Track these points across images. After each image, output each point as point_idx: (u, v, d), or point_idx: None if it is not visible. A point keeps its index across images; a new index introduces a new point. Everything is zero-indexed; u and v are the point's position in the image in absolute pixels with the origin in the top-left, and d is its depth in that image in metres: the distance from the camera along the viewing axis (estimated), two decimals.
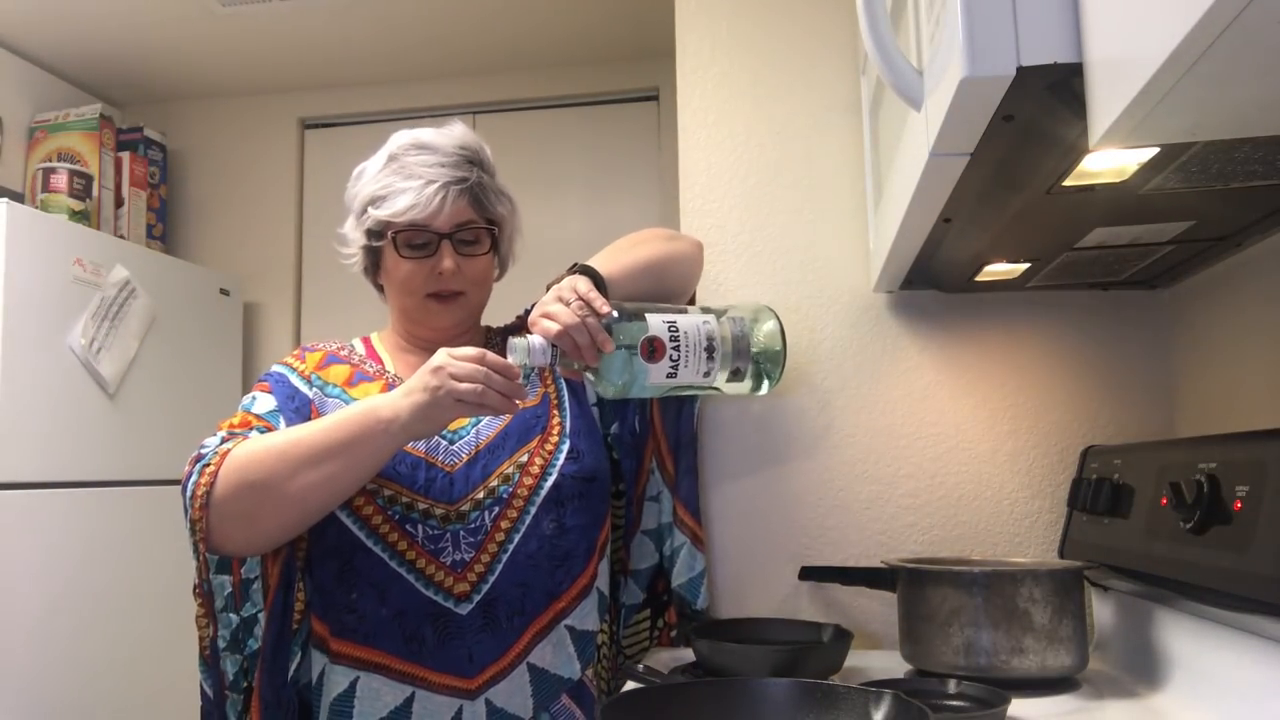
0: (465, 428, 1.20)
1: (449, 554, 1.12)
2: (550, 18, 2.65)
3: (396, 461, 1.14)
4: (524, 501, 1.15)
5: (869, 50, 0.87)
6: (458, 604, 1.11)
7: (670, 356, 1.09)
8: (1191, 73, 0.51)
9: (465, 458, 1.17)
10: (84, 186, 2.61)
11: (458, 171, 1.20)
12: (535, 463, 1.18)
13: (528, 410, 1.23)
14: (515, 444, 1.19)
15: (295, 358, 1.28)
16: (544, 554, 1.15)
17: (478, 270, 1.24)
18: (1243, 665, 0.89)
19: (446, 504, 1.13)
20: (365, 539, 1.11)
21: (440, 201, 1.17)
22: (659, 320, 1.10)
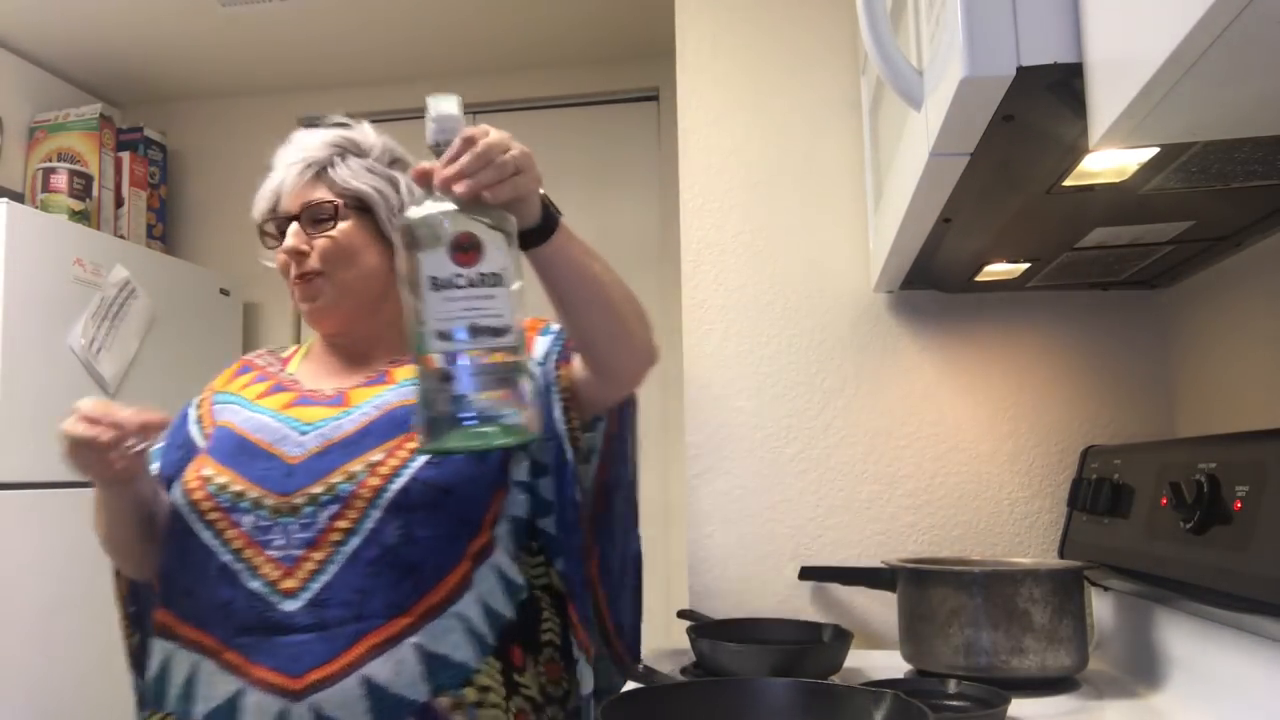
0: (325, 420, 1.12)
1: (277, 547, 1.06)
2: (550, 18, 2.65)
3: (236, 449, 1.11)
4: (365, 504, 1.06)
5: (869, 50, 0.87)
6: (284, 600, 1.04)
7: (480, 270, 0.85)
8: (1191, 73, 0.51)
9: (314, 449, 1.09)
10: (84, 186, 2.61)
11: (312, 154, 1.18)
12: (388, 463, 1.07)
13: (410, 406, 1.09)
14: (374, 441, 1.09)
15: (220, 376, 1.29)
16: (386, 563, 1.05)
17: (331, 246, 1.16)
18: (1243, 665, 0.89)
19: (279, 495, 1.06)
20: (195, 524, 1.08)
21: (280, 183, 1.18)
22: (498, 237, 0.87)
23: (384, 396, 1.14)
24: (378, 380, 1.18)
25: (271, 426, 1.13)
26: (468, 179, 0.88)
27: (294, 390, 1.19)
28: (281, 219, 1.18)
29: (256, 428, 1.13)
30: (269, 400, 1.18)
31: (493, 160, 0.90)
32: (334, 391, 1.17)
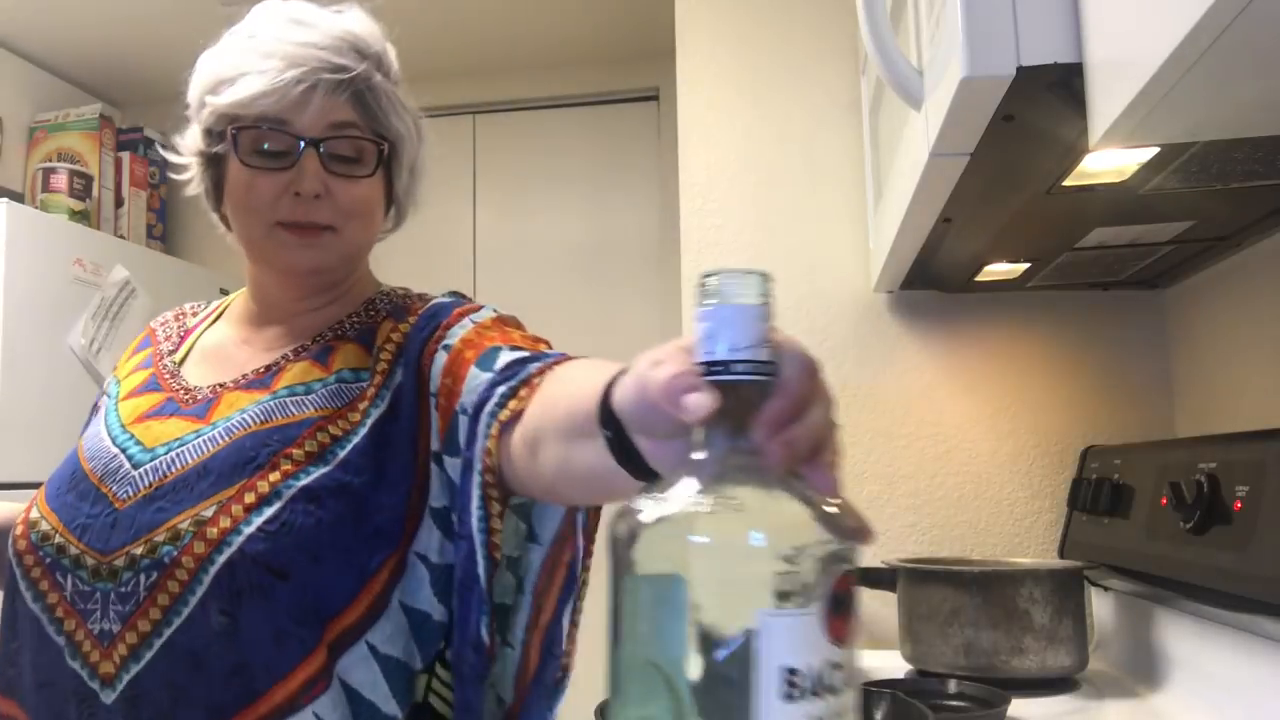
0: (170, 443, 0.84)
1: (96, 620, 0.81)
2: (550, 18, 2.65)
3: (71, 486, 0.85)
4: (189, 576, 0.78)
5: (869, 50, 0.87)
6: (102, 688, 0.80)
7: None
8: (1191, 73, 0.51)
9: (143, 491, 0.82)
10: (84, 186, 2.61)
11: (337, 59, 0.86)
12: (218, 523, 0.78)
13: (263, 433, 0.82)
14: (209, 486, 0.80)
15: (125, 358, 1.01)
16: (212, 655, 0.78)
17: (354, 198, 0.87)
18: (1243, 665, 0.89)
19: (99, 553, 0.80)
20: (20, 582, 0.84)
21: (305, 92, 0.83)
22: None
23: (246, 414, 0.85)
24: (258, 382, 0.88)
25: (105, 453, 0.86)
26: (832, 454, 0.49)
27: (164, 389, 0.91)
28: (282, 133, 0.85)
29: (93, 452, 0.87)
30: (127, 405, 0.91)
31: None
32: (210, 391, 0.89)
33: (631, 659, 0.49)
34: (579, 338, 2.81)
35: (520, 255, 2.90)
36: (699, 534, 0.48)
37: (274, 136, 0.85)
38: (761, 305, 0.51)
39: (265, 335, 0.93)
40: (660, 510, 0.49)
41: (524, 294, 2.89)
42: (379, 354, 0.88)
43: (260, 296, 0.94)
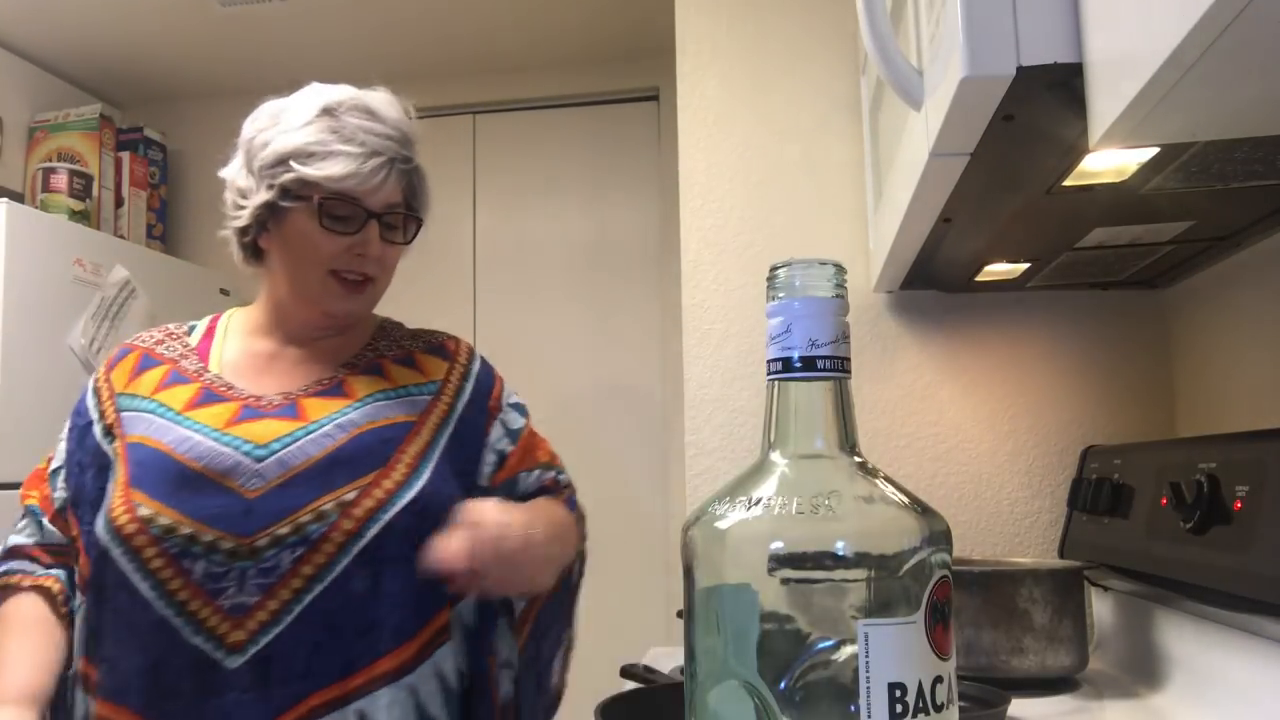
0: (281, 439, 0.98)
1: (230, 595, 0.93)
2: (550, 18, 2.65)
3: (177, 481, 0.95)
4: (336, 548, 0.94)
5: (869, 50, 0.87)
6: (228, 655, 0.92)
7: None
8: (1191, 73, 0.51)
9: (274, 481, 0.95)
10: (84, 186, 2.61)
11: (401, 149, 1.06)
12: (362, 504, 0.95)
13: (378, 430, 1.01)
14: (345, 473, 0.97)
15: (105, 372, 1.11)
16: (346, 615, 0.94)
17: (391, 258, 1.08)
18: (1243, 665, 0.89)
19: (238, 536, 0.93)
20: (133, 576, 0.93)
21: (383, 178, 1.03)
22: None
23: (348, 415, 1.01)
24: (332, 391, 1.04)
25: (217, 453, 0.97)
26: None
27: (231, 399, 1.03)
28: (355, 207, 1.03)
29: (198, 453, 0.97)
30: (202, 413, 1.01)
31: None
32: (282, 398, 1.03)
33: (712, 674, 0.45)
34: (579, 338, 2.81)
35: (520, 255, 2.90)
36: (786, 541, 0.44)
37: (349, 208, 1.03)
38: (837, 298, 0.49)
39: (291, 353, 1.09)
40: (740, 515, 0.46)
41: (524, 294, 2.89)
42: (443, 388, 1.10)
43: (282, 323, 1.10)
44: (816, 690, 0.43)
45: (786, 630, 0.44)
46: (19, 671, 0.95)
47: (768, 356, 0.50)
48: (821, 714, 0.43)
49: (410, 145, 1.09)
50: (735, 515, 0.46)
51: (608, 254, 2.89)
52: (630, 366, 2.76)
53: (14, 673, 0.95)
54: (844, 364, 0.49)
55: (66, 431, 1.11)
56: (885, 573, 0.44)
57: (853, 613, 0.43)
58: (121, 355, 1.11)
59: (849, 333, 0.50)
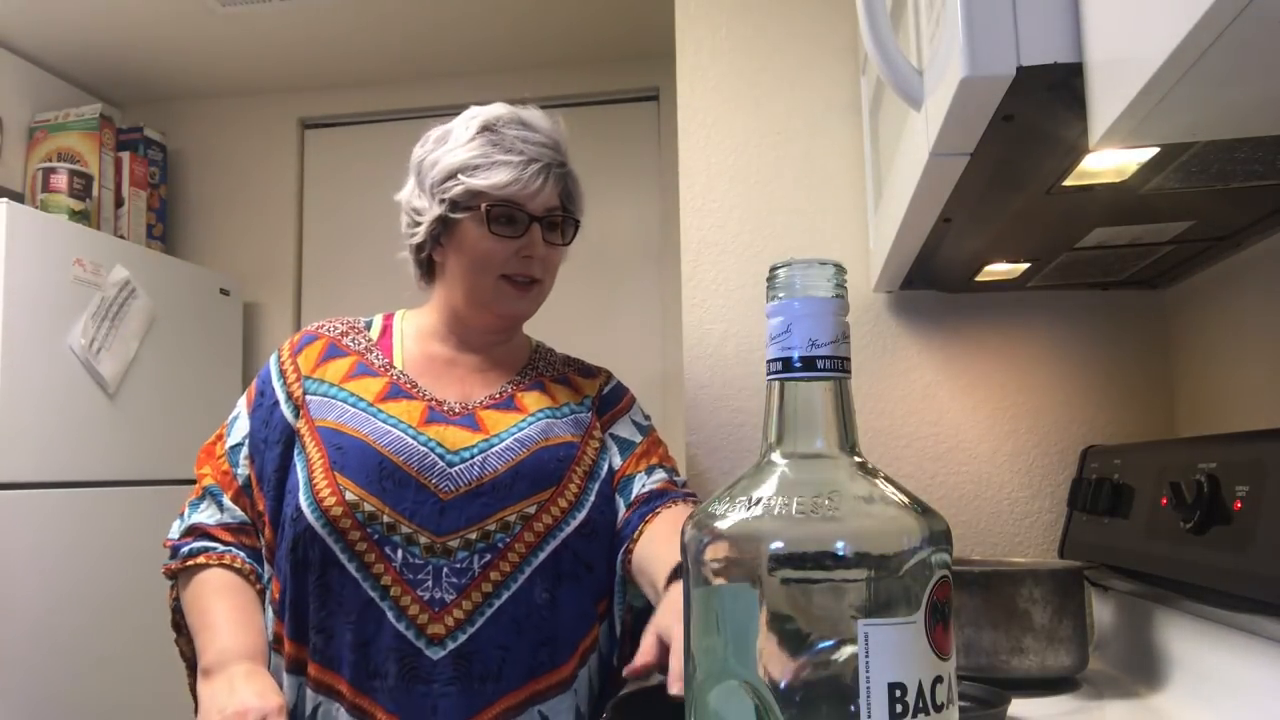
0: (473, 448, 1.08)
1: (427, 588, 1.01)
2: (550, 18, 2.65)
3: (384, 475, 1.04)
4: (519, 559, 1.04)
5: (869, 50, 0.87)
6: (429, 645, 1.00)
7: None
8: (1191, 73, 0.51)
9: (465, 488, 1.05)
10: (84, 186, 2.61)
11: (556, 155, 1.16)
12: (542, 520, 1.05)
13: (551, 448, 1.11)
14: (525, 488, 1.06)
15: (289, 355, 1.17)
16: (531, 625, 1.03)
17: (555, 261, 1.18)
18: (1243, 665, 0.89)
19: (433, 534, 1.02)
20: (341, 555, 1.01)
21: (541, 183, 1.12)
22: None
23: (525, 431, 1.11)
24: (506, 405, 1.14)
25: (416, 451, 1.06)
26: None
27: (417, 397, 1.12)
28: (518, 211, 1.12)
29: (399, 449, 1.06)
30: (395, 407, 1.10)
31: None
32: (461, 408, 1.12)
33: (712, 674, 0.45)
34: (579, 337, 2.80)
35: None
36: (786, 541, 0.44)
37: (514, 213, 1.12)
38: (837, 298, 0.49)
39: (466, 361, 1.18)
40: (740, 515, 0.46)
41: None
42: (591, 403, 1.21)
43: (456, 329, 1.19)
44: (816, 690, 0.43)
45: (786, 630, 0.44)
46: (238, 633, 1.03)
47: (768, 356, 0.50)
48: (821, 714, 0.43)
49: (563, 152, 1.18)
50: (735, 515, 0.46)
51: (608, 254, 2.89)
52: (630, 366, 2.76)
53: (234, 634, 1.03)
54: (844, 364, 0.49)
55: (247, 409, 1.16)
56: (885, 573, 0.44)
57: (853, 613, 0.43)
58: (308, 340, 1.19)
59: (849, 333, 0.50)
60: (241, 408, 1.17)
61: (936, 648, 0.44)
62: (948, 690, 0.44)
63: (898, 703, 0.42)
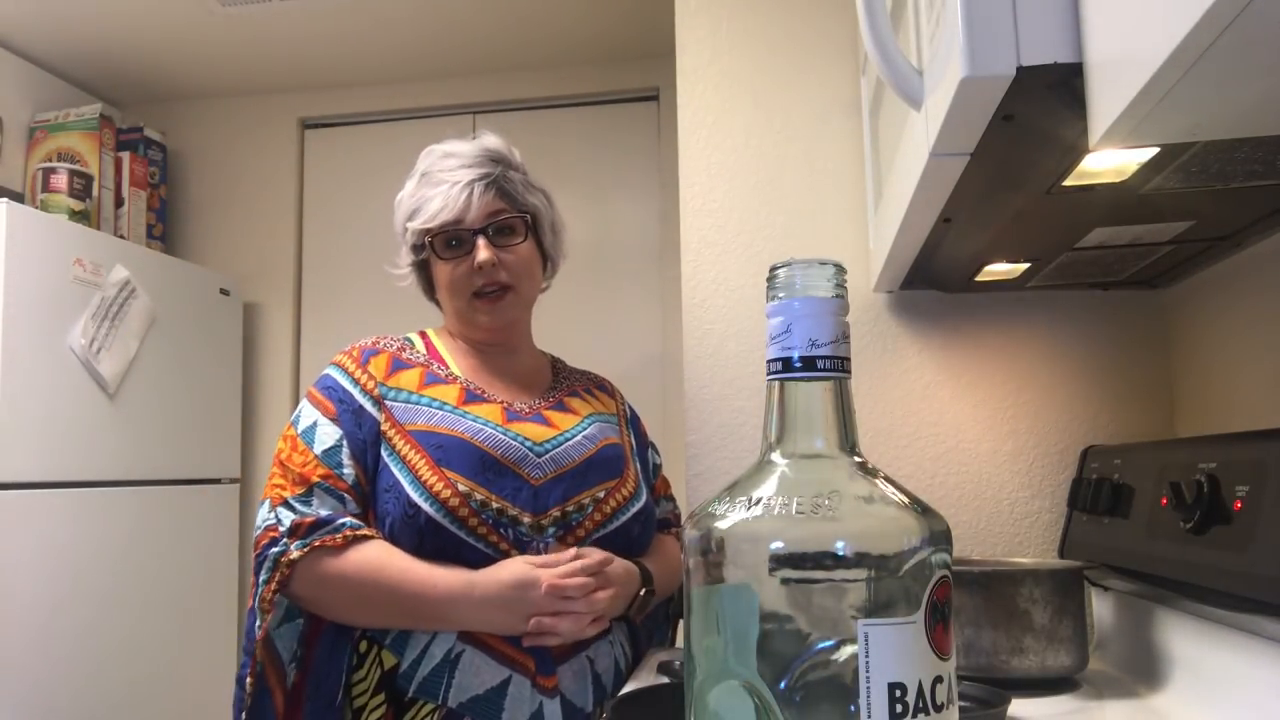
0: (552, 440, 1.21)
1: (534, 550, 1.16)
2: (550, 18, 2.65)
3: (485, 467, 1.14)
4: (586, 534, 1.18)
5: (869, 50, 0.87)
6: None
7: None
8: (1191, 73, 0.51)
9: (550, 474, 1.18)
10: (84, 186, 2.61)
11: (481, 169, 1.22)
12: (609, 503, 1.20)
13: (611, 446, 1.27)
14: (597, 477, 1.21)
15: (356, 365, 1.24)
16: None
17: (518, 261, 1.23)
18: (1243, 665, 0.89)
19: (533, 514, 1.15)
20: (468, 538, 1.12)
21: (467, 199, 1.20)
22: None
23: (587, 430, 1.26)
24: (559, 407, 1.28)
25: (508, 444, 1.17)
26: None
27: (491, 400, 1.23)
28: (460, 231, 1.21)
29: (494, 443, 1.17)
30: (477, 409, 1.21)
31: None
32: (528, 408, 1.25)
33: (712, 674, 0.45)
34: (579, 337, 2.81)
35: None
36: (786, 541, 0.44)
37: (455, 234, 1.22)
38: (837, 298, 0.49)
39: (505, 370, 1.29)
40: (740, 515, 0.46)
41: None
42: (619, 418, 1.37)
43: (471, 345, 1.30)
44: (816, 690, 0.43)
45: (786, 630, 0.44)
46: (448, 569, 1.12)
47: (768, 356, 0.50)
48: (821, 714, 0.43)
49: (498, 160, 1.25)
50: (735, 515, 0.46)
51: (608, 254, 2.89)
52: (630, 366, 2.76)
53: (447, 570, 1.12)
54: (844, 364, 0.49)
55: (327, 416, 1.19)
56: (885, 573, 0.44)
57: (853, 613, 0.43)
58: (371, 354, 1.26)
59: (849, 333, 0.50)
60: (318, 416, 1.19)
61: (936, 648, 0.44)
62: (948, 690, 0.44)
63: (898, 703, 0.42)
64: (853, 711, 0.42)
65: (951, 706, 0.44)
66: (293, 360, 3.01)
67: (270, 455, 1.23)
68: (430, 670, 1.10)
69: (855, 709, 0.42)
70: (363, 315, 2.93)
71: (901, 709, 0.42)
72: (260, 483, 2.78)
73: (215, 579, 2.72)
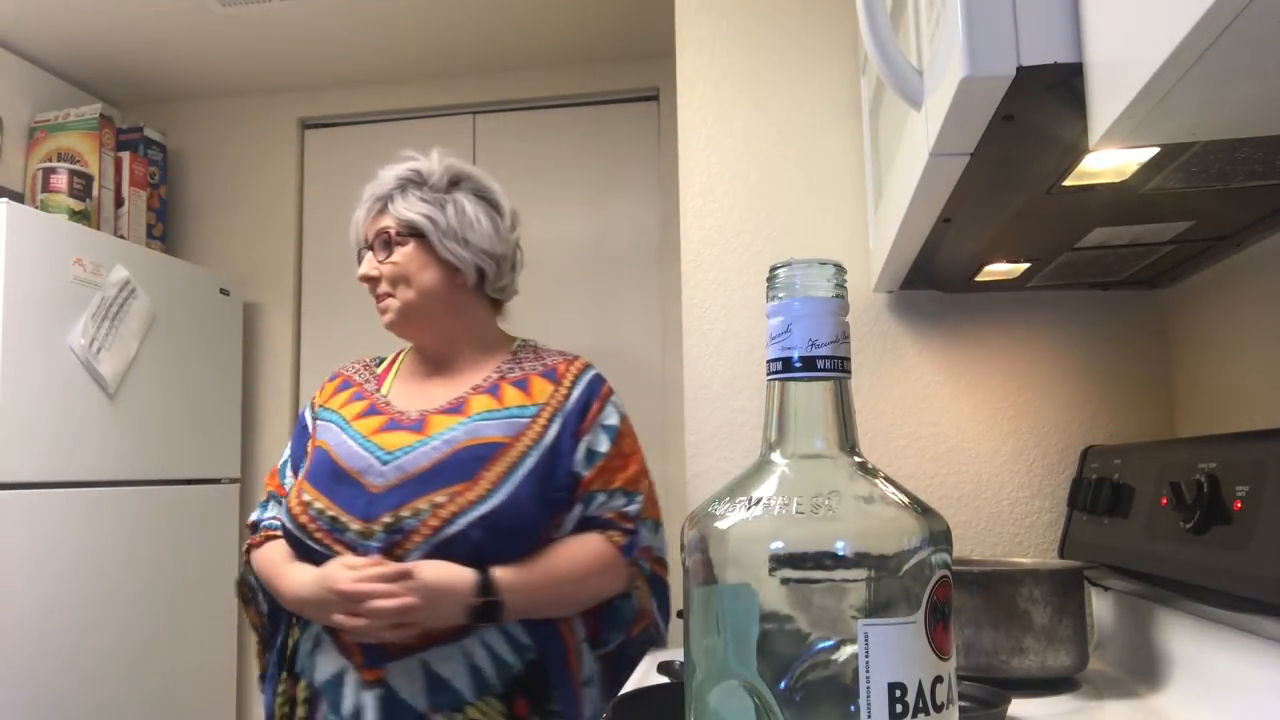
0: (405, 449, 1.25)
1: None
2: (550, 18, 2.65)
3: (331, 475, 1.25)
4: (422, 539, 1.18)
5: (869, 50, 0.87)
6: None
7: None
8: (1191, 73, 0.51)
9: (393, 481, 1.22)
10: (84, 186, 2.61)
11: (381, 189, 1.35)
12: (447, 508, 1.19)
13: (473, 447, 1.24)
14: (442, 481, 1.21)
15: (320, 389, 1.44)
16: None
17: (393, 271, 1.32)
18: (1243, 665, 0.89)
19: (363, 520, 1.20)
20: (310, 543, 1.23)
21: (364, 215, 1.36)
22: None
23: (454, 432, 1.25)
24: (455, 409, 1.29)
25: (358, 455, 1.26)
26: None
27: (385, 414, 1.32)
28: (363, 247, 1.36)
29: (346, 454, 1.27)
30: (363, 423, 1.31)
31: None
32: (418, 415, 1.30)
33: (712, 674, 0.45)
34: (579, 338, 2.81)
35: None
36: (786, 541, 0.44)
37: (360, 250, 1.37)
38: (837, 298, 0.49)
39: (444, 377, 1.36)
40: (740, 515, 0.46)
41: (524, 293, 2.88)
42: (541, 410, 1.30)
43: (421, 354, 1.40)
44: (816, 690, 0.43)
45: (786, 630, 0.44)
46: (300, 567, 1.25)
47: (768, 356, 0.50)
48: (821, 714, 0.43)
49: (395, 183, 1.35)
50: (735, 515, 0.46)
51: (608, 254, 2.89)
52: (630, 366, 2.76)
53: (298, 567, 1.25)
54: (844, 364, 0.49)
55: (293, 436, 1.43)
56: (885, 573, 0.44)
57: (853, 613, 0.43)
58: (331, 379, 1.44)
59: (849, 333, 0.50)
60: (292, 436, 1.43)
61: (936, 648, 0.44)
62: (948, 690, 0.44)
63: (898, 703, 0.42)
64: (853, 711, 0.42)
65: (951, 706, 0.44)
66: (293, 360, 3.01)
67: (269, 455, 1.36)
68: (304, 652, 1.26)
69: (855, 709, 0.42)
70: (363, 315, 2.93)
71: (901, 709, 0.42)
72: (259, 483, 2.78)
73: (215, 579, 2.72)
